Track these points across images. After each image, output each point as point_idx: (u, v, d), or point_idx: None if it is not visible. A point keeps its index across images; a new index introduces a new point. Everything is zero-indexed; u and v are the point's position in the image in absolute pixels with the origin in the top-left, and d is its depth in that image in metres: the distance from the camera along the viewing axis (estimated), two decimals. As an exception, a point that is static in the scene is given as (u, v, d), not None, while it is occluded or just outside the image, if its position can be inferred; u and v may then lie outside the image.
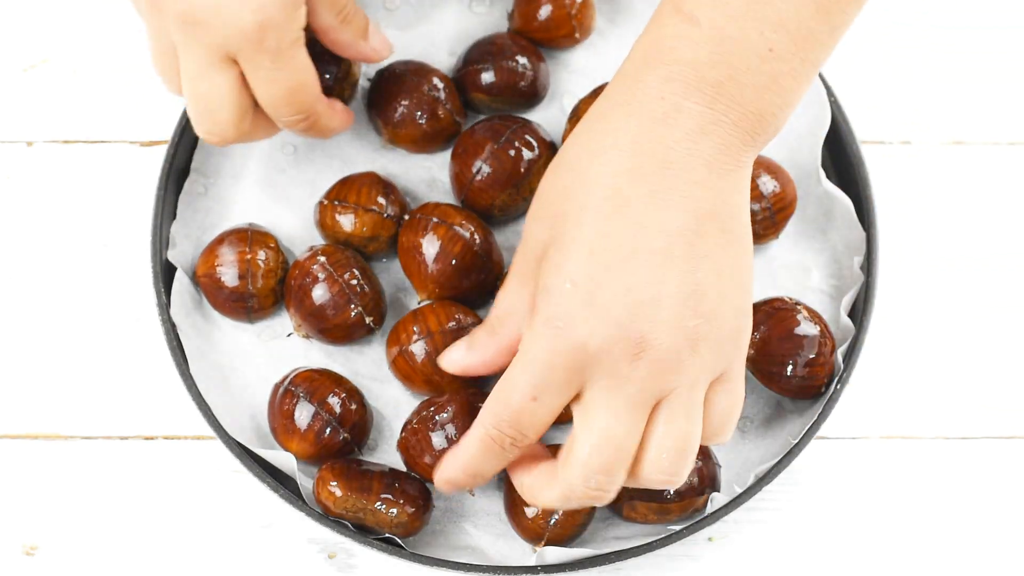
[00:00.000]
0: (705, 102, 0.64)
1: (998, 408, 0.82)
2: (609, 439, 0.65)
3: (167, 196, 0.81)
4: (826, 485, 0.80)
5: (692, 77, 0.64)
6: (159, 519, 0.79)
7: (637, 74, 0.66)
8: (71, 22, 0.88)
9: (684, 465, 0.66)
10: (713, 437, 0.68)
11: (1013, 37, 0.89)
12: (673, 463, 0.66)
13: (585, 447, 0.65)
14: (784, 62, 0.65)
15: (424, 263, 0.78)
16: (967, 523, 0.79)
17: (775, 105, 0.66)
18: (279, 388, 0.77)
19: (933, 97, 0.88)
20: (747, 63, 0.64)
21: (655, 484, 0.67)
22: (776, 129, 0.67)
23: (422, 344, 0.77)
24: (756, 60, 0.64)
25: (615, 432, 0.65)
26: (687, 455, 0.66)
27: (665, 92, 0.65)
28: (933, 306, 0.83)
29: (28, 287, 0.83)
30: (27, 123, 0.86)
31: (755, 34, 0.64)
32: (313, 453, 0.76)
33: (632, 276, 0.64)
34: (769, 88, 0.65)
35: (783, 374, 0.77)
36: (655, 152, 0.64)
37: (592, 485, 0.66)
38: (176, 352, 0.78)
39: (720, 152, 0.65)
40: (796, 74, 0.66)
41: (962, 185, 0.86)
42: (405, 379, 0.78)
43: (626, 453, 0.65)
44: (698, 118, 0.64)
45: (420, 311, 0.78)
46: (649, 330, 0.64)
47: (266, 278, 0.79)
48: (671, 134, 0.64)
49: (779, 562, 0.79)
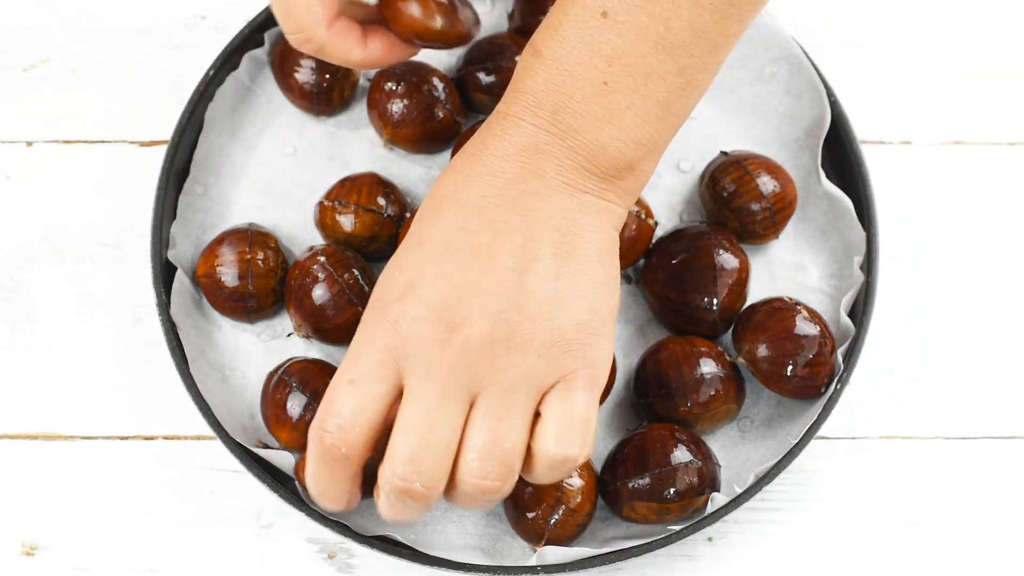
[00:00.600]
0: (541, 124, 0.68)
1: (998, 408, 0.82)
2: (417, 428, 0.65)
3: (167, 196, 0.81)
4: (826, 485, 0.80)
5: (531, 102, 0.68)
6: (159, 519, 0.79)
7: (498, 106, 0.70)
8: (71, 22, 0.88)
9: (495, 471, 0.65)
10: (546, 453, 0.66)
11: (1013, 37, 0.89)
12: (482, 466, 0.65)
13: (395, 437, 0.65)
14: (621, 96, 0.67)
15: None
16: (967, 523, 0.79)
17: (619, 140, 0.68)
18: (272, 377, 0.77)
19: (933, 97, 0.88)
20: (581, 93, 0.67)
21: (471, 493, 0.66)
22: (638, 170, 0.69)
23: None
24: (590, 91, 0.67)
25: (424, 421, 0.65)
26: (499, 461, 0.65)
27: (509, 112, 0.68)
28: (933, 306, 0.83)
29: (28, 287, 0.83)
30: (27, 123, 0.86)
31: (589, 67, 0.67)
32: (304, 443, 0.76)
33: (453, 265, 0.66)
34: (608, 121, 0.67)
35: (783, 374, 0.77)
36: (490, 162, 0.68)
37: (399, 476, 0.65)
38: (176, 352, 0.78)
39: (558, 172, 0.67)
40: (640, 112, 0.67)
41: (962, 185, 0.86)
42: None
43: (436, 444, 0.65)
44: (532, 137, 0.68)
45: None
46: (463, 315, 0.65)
47: (266, 278, 0.79)
48: (504, 147, 0.68)
49: (779, 562, 0.79)
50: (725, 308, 0.78)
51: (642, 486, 0.74)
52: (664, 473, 0.74)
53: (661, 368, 0.77)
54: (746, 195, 0.80)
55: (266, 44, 0.85)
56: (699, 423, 0.77)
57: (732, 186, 0.80)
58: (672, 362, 0.77)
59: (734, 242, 0.79)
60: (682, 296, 0.78)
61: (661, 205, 0.84)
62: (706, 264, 0.78)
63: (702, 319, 0.78)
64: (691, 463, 0.75)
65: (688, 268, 0.78)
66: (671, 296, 0.79)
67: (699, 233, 0.79)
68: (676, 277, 0.78)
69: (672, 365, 0.77)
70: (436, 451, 0.65)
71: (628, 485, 0.75)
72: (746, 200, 0.80)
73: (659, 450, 0.75)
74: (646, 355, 0.78)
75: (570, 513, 0.74)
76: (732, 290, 0.78)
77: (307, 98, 0.84)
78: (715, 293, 0.78)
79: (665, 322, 0.80)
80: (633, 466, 0.75)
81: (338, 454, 0.66)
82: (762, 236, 0.81)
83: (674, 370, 0.76)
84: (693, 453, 0.75)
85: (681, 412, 0.77)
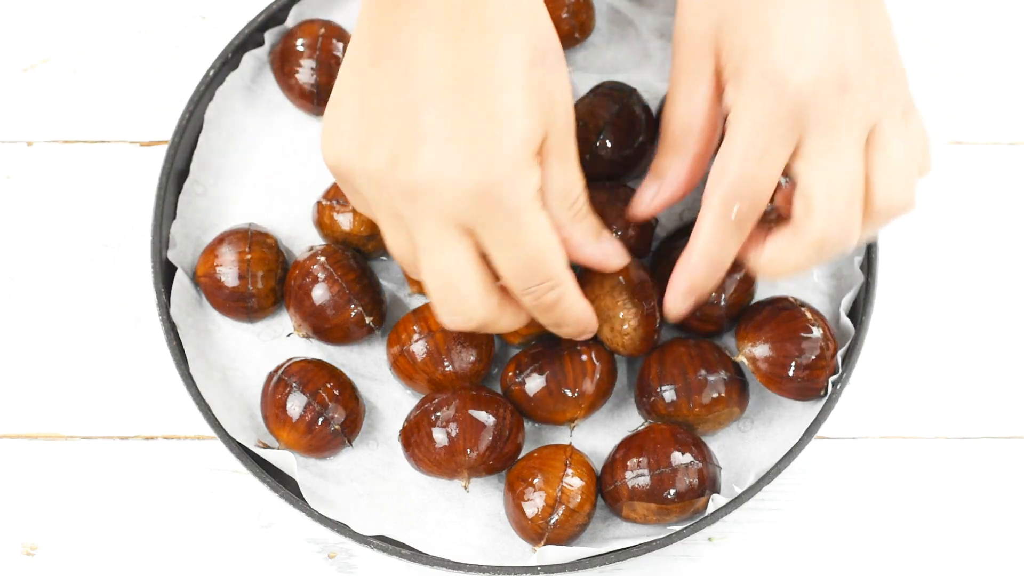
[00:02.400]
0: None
1: (998, 408, 0.82)
2: (842, 176, 0.68)
3: (167, 196, 0.81)
4: (826, 485, 0.80)
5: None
6: (159, 519, 0.79)
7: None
8: (71, 22, 0.88)
9: (913, 187, 0.70)
10: (923, 166, 0.71)
11: (1012, 37, 0.89)
12: (905, 184, 0.70)
13: (821, 192, 0.68)
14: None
15: None
16: (967, 523, 0.79)
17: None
18: (272, 377, 0.77)
19: (933, 97, 0.88)
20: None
21: (893, 213, 0.70)
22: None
23: (423, 343, 0.77)
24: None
25: (844, 168, 0.68)
26: (911, 178, 0.70)
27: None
28: (933, 306, 0.84)
29: (28, 287, 0.83)
30: (27, 123, 0.86)
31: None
32: (303, 443, 0.76)
33: (816, 26, 0.68)
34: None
35: (784, 375, 0.77)
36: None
37: (840, 227, 0.69)
38: (176, 352, 0.78)
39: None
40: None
41: (962, 185, 0.86)
42: (407, 378, 0.78)
43: (859, 187, 0.69)
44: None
45: (420, 311, 0.78)
46: (846, 66, 0.68)
47: (266, 278, 0.79)
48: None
49: (779, 562, 0.79)
50: (732, 304, 0.78)
51: (642, 486, 0.74)
52: (664, 474, 0.74)
53: (666, 368, 0.77)
54: None
55: (266, 44, 0.85)
56: (701, 425, 0.77)
57: None
58: (678, 363, 0.77)
59: None
60: None
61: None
62: None
63: (709, 315, 0.78)
64: (691, 464, 0.75)
65: None
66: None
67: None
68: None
69: (677, 366, 0.77)
70: (860, 196, 0.69)
71: (628, 485, 0.75)
72: None
73: (660, 450, 0.75)
74: (652, 355, 0.78)
75: (570, 513, 0.74)
76: (739, 286, 0.78)
77: (307, 98, 0.84)
78: (722, 289, 0.78)
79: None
80: (633, 466, 0.75)
81: (746, 227, 0.70)
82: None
83: (679, 371, 0.76)
84: (694, 454, 0.75)
85: (683, 413, 0.77)
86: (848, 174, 0.69)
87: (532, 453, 0.76)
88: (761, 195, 0.69)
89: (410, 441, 0.76)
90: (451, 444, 0.74)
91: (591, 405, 0.77)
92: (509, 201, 0.66)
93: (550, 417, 0.77)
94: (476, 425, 0.74)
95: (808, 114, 0.68)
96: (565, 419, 0.77)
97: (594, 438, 0.79)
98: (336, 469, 0.78)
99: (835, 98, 0.68)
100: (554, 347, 0.77)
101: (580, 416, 0.77)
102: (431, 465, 0.75)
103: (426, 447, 0.75)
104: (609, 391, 0.78)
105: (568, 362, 0.77)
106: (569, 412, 0.77)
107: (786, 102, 0.68)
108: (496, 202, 0.66)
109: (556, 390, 0.76)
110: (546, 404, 0.77)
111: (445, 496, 0.78)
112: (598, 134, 0.80)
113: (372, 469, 0.78)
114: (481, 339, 0.77)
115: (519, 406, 0.77)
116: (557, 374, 0.76)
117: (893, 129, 0.70)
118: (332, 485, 0.78)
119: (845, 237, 0.69)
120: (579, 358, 0.77)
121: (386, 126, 0.66)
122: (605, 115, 0.81)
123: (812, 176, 0.69)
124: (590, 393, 0.77)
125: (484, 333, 0.74)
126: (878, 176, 0.69)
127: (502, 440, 0.75)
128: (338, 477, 0.78)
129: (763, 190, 0.69)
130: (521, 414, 0.77)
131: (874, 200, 0.70)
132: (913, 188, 0.71)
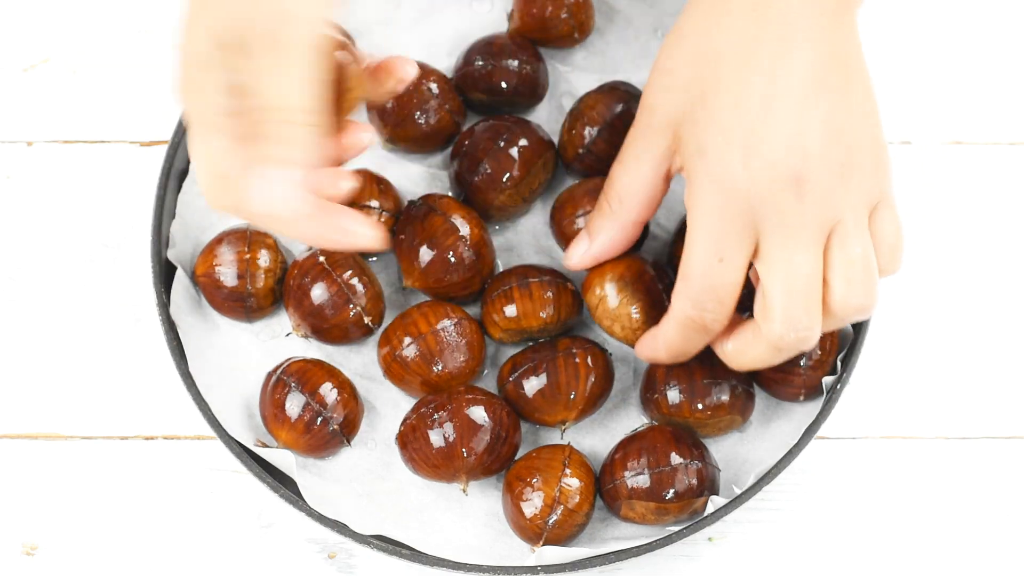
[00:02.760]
0: None
1: (998, 408, 0.82)
2: (798, 278, 0.68)
3: (167, 196, 0.81)
4: (826, 485, 0.80)
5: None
6: (159, 519, 0.79)
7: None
8: (71, 22, 0.88)
9: (872, 289, 0.69)
10: (889, 266, 0.70)
11: (1013, 37, 0.89)
12: (863, 287, 0.69)
13: (778, 294, 0.68)
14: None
15: (415, 250, 0.78)
16: (967, 523, 0.79)
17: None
18: (271, 377, 0.77)
19: (933, 97, 0.88)
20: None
21: (852, 315, 0.69)
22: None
23: (414, 347, 0.77)
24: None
25: (801, 270, 0.68)
26: (872, 278, 0.69)
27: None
28: (933, 306, 0.83)
29: (28, 287, 0.83)
30: (27, 123, 0.86)
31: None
32: (302, 443, 0.76)
33: (777, 118, 0.67)
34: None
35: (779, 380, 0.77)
36: (772, 4, 0.68)
37: (797, 328, 0.68)
38: (175, 352, 0.78)
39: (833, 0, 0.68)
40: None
41: (962, 185, 0.86)
42: (400, 383, 0.78)
43: (816, 289, 0.68)
44: None
45: (409, 314, 0.78)
46: (803, 166, 0.67)
47: (265, 278, 0.79)
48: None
49: (779, 562, 0.79)
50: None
51: (641, 485, 0.74)
52: (664, 473, 0.74)
53: (674, 368, 0.77)
54: None
55: (266, 44, 0.85)
56: (702, 429, 0.77)
57: None
58: (686, 364, 0.76)
59: None
60: None
61: (661, 207, 0.84)
62: None
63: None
64: (691, 464, 0.75)
65: None
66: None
67: None
68: None
69: (685, 367, 0.76)
70: (818, 296, 0.68)
71: (627, 484, 0.75)
72: None
73: (660, 450, 0.75)
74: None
75: (568, 513, 0.74)
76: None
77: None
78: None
79: None
80: (633, 465, 0.75)
81: (713, 329, 0.71)
82: None
83: (686, 372, 0.76)
84: (693, 455, 0.75)
85: (685, 415, 0.77)
86: (805, 276, 0.68)
87: (531, 453, 0.76)
88: (726, 297, 0.69)
89: (407, 444, 0.76)
90: (448, 447, 0.74)
91: (583, 408, 0.77)
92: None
93: (542, 418, 0.77)
94: (473, 427, 0.74)
95: (762, 214, 0.67)
96: (556, 421, 0.77)
97: (593, 438, 0.79)
98: (335, 469, 0.78)
99: (790, 196, 0.67)
100: (550, 349, 0.77)
101: (571, 419, 0.77)
102: (428, 469, 0.75)
103: (423, 450, 0.75)
104: (604, 394, 0.78)
105: (561, 364, 0.76)
106: (560, 414, 0.77)
107: (737, 203, 0.67)
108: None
109: (549, 392, 0.76)
110: (539, 405, 0.77)
111: (444, 496, 0.78)
112: (597, 130, 0.80)
113: (371, 469, 0.78)
114: (471, 338, 0.77)
115: (513, 406, 0.77)
116: (550, 376, 0.76)
117: (856, 228, 0.68)
118: (331, 485, 0.78)
119: (803, 338, 0.69)
120: (573, 360, 0.77)
121: None
122: (606, 113, 0.81)
123: (769, 277, 0.68)
124: (582, 396, 0.77)
125: (476, 334, 0.76)
126: (835, 278, 0.68)
127: (499, 441, 0.75)
128: (337, 477, 0.78)
129: (727, 293, 0.69)
130: (517, 415, 0.77)
131: (831, 302, 0.69)
132: (872, 290, 0.69)
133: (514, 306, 0.78)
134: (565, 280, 0.79)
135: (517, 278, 0.78)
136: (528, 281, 0.78)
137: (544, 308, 0.78)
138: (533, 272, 0.78)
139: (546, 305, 0.78)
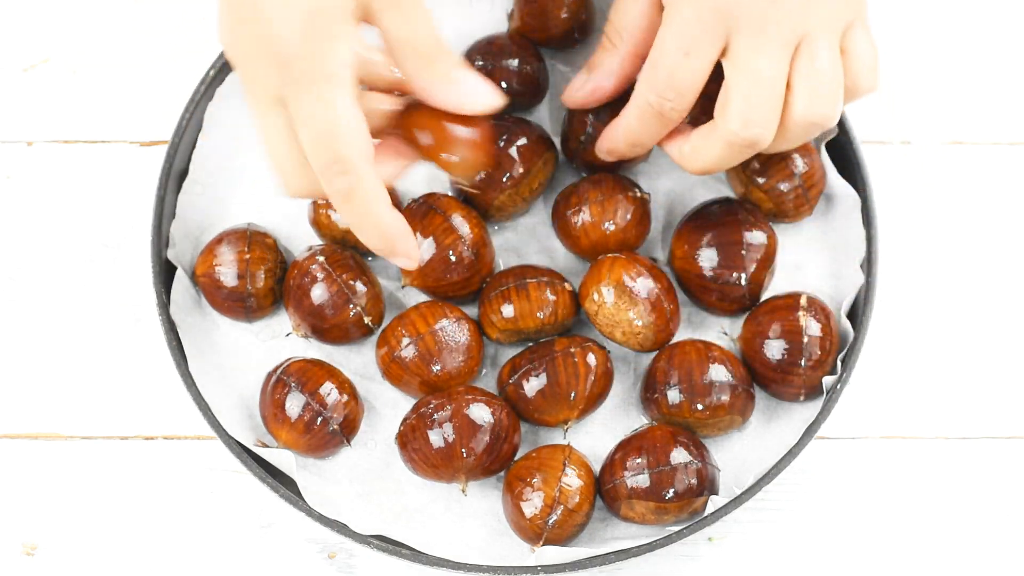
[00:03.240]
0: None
1: (998, 408, 0.82)
2: (761, 80, 0.70)
3: (167, 196, 0.81)
4: (826, 485, 0.80)
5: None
6: (159, 519, 0.79)
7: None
8: (71, 22, 0.88)
9: (834, 103, 0.71)
10: (867, 83, 0.72)
11: (1012, 37, 0.89)
12: (826, 99, 0.70)
13: (739, 93, 0.70)
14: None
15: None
16: (967, 523, 0.79)
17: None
18: (271, 377, 0.77)
19: (933, 97, 0.88)
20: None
21: (808, 127, 0.71)
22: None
23: (412, 347, 0.77)
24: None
25: (765, 73, 0.70)
26: (836, 92, 0.71)
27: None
28: (933, 306, 0.83)
29: (28, 287, 0.83)
30: (27, 123, 0.86)
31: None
32: (302, 443, 0.76)
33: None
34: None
35: (779, 380, 0.77)
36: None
37: (751, 126, 0.70)
38: (176, 352, 0.78)
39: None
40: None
41: (962, 185, 0.86)
42: (399, 383, 0.78)
43: (777, 92, 0.70)
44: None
45: (407, 314, 0.78)
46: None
47: (265, 278, 0.79)
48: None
49: (779, 562, 0.79)
50: (753, 282, 0.78)
51: (641, 485, 0.74)
52: (664, 472, 0.74)
53: (674, 368, 0.77)
54: (777, 174, 0.79)
55: (266, 44, 0.85)
56: (702, 429, 0.77)
57: (761, 166, 0.80)
58: (686, 365, 0.76)
59: (760, 216, 0.79)
60: (712, 271, 0.78)
61: (660, 206, 0.84)
62: (734, 239, 0.78)
63: (728, 294, 0.78)
64: (691, 464, 0.75)
65: (716, 243, 0.78)
66: (699, 271, 0.78)
67: (726, 209, 0.79)
68: (705, 252, 0.78)
69: (685, 368, 0.76)
70: (778, 100, 0.70)
71: (627, 484, 0.75)
72: (778, 180, 0.79)
73: (660, 449, 0.75)
74: (663, 351, 0.78)
75: (568, 513, 0.74)
76: (760, 264, 0.78)
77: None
78: (743, 268, 0.78)
79: (693, 298, 0.80)
80: (632, 465, 0.75)
81: (671, 119, 0.73)
82: (795, 215, 0.81)
83: (686, 373, 0.76)
84: (693, 455, 0.75)
85: (685, 415, 0.77)
86: (768, 79, 0.70)
87: (531, 453, 0.76)
88: (686, 90, 0.71)
89: (407, 444, 0.75)
90: (448, 447, 0.74)
91: (584, 407, 0.77)
92: (303, 73, 0.65)
93: (544, 419, 0.77)
94: (473, 427, 0.74)
95: (736, 14, 0.69)
96: (558, 421, 0.77)
97: (593, 438, 0.79)
98: (335, 469, 0.78)
99: (765, 2, 0.69)
100: (549, 349, 0.77)
101: (573, 418, 0.77)
102: (428, 469, 0.75)
103: (423, 450, 0.75)
104: (604, 394, 0.78)
105: (561, 364, 0.76)
106: (562, 414, 0.77)
107: (711, 3, 0.69)
108: (293, 74, 0.65)
109: (549, 392, 0.76)
110: (540, 406, 0.77)
111: (444, 496, 0.78)
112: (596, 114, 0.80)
113: (371, 469, 0.78)
114: (470, 338, 0.77)
115: (514, 407, 0.77)
116: (550, 376, 0.76)
117: (826, 41, 0.70)
118: (331, 485, 0.78)
119: (756, 136, 0.71)
120: (572, 360, 0.77)
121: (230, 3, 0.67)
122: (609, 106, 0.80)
123: (733, 75, 0.70)
124: (583, 396, 0.77)
125: (474, 334, 0.76)
126: (799, 86, 0.70)
127: (499, 441, 0.75)
128: (337, 477, 0.78)
129: (689, 86, 0.71)
130: (517, 415, 0.77)
131: (792, 108, 0.71)
132: (835, 103, 0.71)
133: (511, 306, 0.78)
134: (563, 281, 0.79)
135: (515, 278, 0.78)
136: (526, 281, 0.78)
137: (541, 309, 0.78)
138: (531, 272, 0.78)
139: (543, 306, 0.78)
